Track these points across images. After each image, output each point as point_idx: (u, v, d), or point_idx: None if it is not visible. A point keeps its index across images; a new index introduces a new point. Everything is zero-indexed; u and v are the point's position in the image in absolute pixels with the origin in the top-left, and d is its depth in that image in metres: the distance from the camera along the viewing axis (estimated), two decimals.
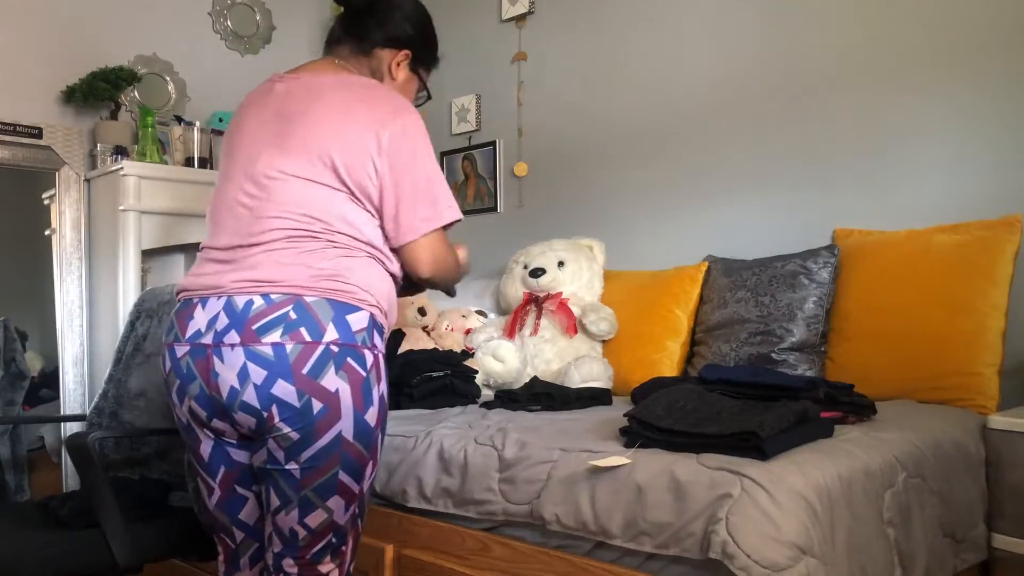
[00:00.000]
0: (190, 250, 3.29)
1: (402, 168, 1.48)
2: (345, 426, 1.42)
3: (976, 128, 2.25)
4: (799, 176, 2.58)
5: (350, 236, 1.48)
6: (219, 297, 1.45)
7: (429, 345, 2.77)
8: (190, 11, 3.54)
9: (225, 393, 1.42)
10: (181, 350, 1.47)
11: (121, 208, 2.92)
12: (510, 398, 2.18)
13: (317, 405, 1.40)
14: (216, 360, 1.42)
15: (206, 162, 3.18)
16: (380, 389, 1.48)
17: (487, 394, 2.46)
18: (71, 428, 2.91)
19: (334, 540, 1.49)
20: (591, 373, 2.41)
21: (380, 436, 1.50)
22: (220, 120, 3.32)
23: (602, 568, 1.49)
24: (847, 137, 2.48)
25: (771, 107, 2.64)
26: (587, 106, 3.13)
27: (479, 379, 2.45)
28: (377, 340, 1.48)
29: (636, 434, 1.56)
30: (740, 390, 1.69)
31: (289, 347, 1.39)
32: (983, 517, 1.79)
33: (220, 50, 3.63)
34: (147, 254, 3.06)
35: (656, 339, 2.53)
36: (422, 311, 2.80)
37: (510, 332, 2.65)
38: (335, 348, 1.41)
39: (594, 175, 3.12)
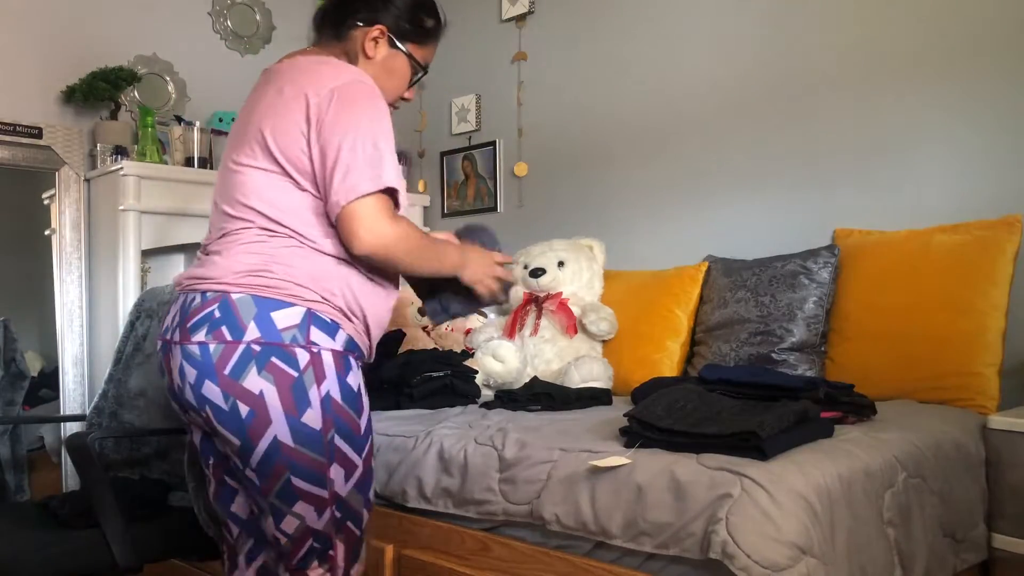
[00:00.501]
0: (190, 250, 3.29)
1: (328, 133, 1.38)
2: (279, 431, 1.37)
3: (976, 128, 2.25)
4: (799, 176, 2.58)
5: (287, 226, 1.41)
6: (181, 293, 1.47)
7: (429, 345, 2.77)
8: (190, 11, 3.53)
9: (176, 389, 1.43)
10: (158, 344, 1.51)
11: (121, 208, 2.91)
12: (510, 398, 2.17)
13: (243, 408, 1.36)
14: (171, 356, 1.43)
15: (206, 162, 3.18)
16: (323, 389, 1.39)
17: (487, 394, 2.46)
18: (71, 428, 2.91)
19: (316, 545, 1.45)
20: (591, 373, 2.41)
21: (344, 439, 1.42)
22: (220, 120, 3.32)
23: (602, 568, 1.49)
24: (847, 137, 2.48)
25: (771, 107, 2.64)
26: (587, 106, 3.13)
27: (479, 379, 2.45)
28: (319, 336, 1.39)
29: (636, 434, 1.55)
30: (740, 390, 1.69)
31: (212, 346, 1.36)
32: (983, 517, 1.79)
33: (220, 50, 3.62)
34: (147, 254, 3.06)
35: (656, 339, 2.52)
36: (422, 311, 2.80)
37: (510, 332, 2.65)
38: (256, 347, 1.36)
39: (594, 175, 3.12)
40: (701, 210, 2.81)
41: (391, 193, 1.42)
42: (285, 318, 1.38)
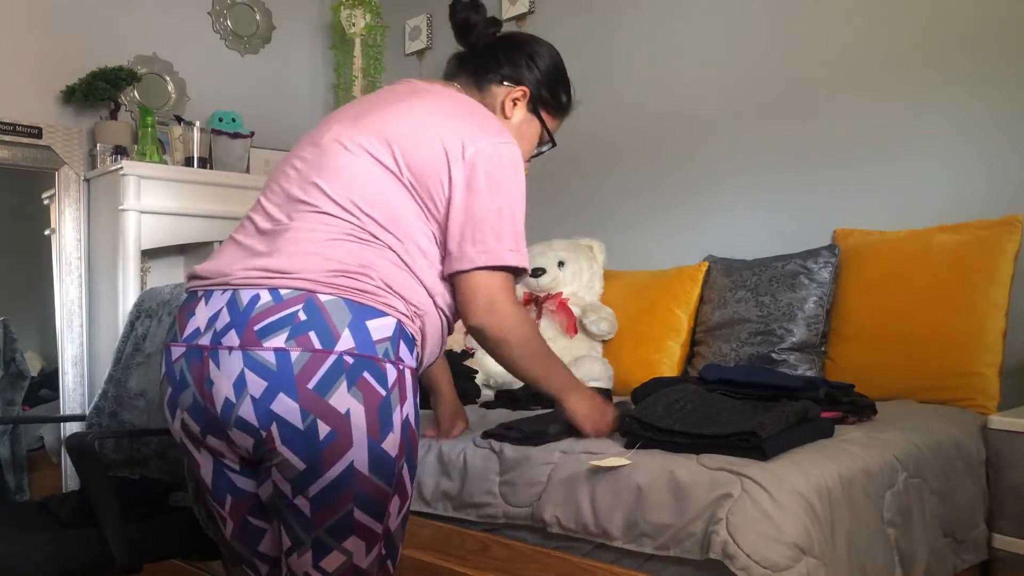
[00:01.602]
0: (190, 250, 3.30)
1: (479, 187, 1.31)
2: (357, 456, 1.20)
3: (976, 128, 2.25)
4: (799, 176, 2.58)
5: (384, 227, 1.28)
6: (224, 291, 1.25)
7: None
8: (190, 11, 3.54)
9: (219, 405, 1.21)
10: (176, 352, 1.27)
11: (121, 208, 2.92)
12: (510, 398, 2.17)
13: (324, 429, 1.18)
14: (212, 365, 1.21)
15: (206, 162, 3.18)
16: (404, 411, 1.25)
17: (487, 394, 2.46)
18: (71, 428, 2.91)
19: None
20: (591, 373, 2.41)
21: (408, 466, 1.29)
22: (220, 120, 3.32)
23: (602, 568, 1.49)
24: (847, 137, 2.48)
25: (771, 107, 2.64)
26: (587, 106, 3.10)
27: (479, 379, 2.45)
28: (405, 353, 1.26)
29: (636, 434, 1.55)
30: (740, 390, 1.69)
31: (295, 355, 1.17)
32: (983, 517, 1.79)
33: (220, 50, 3.63)
34: (147, 254, 3.06)
35: (656, 339, 2.52)
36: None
37: None
38: (349, 359, 1.19)
39: (594, 175, 3.12)
40: (701, 210, 2.81)
41: (516, 277, 1.38)
42: (379, 329, 1.22)
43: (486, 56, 1.53)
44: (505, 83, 1.52)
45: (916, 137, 2.35)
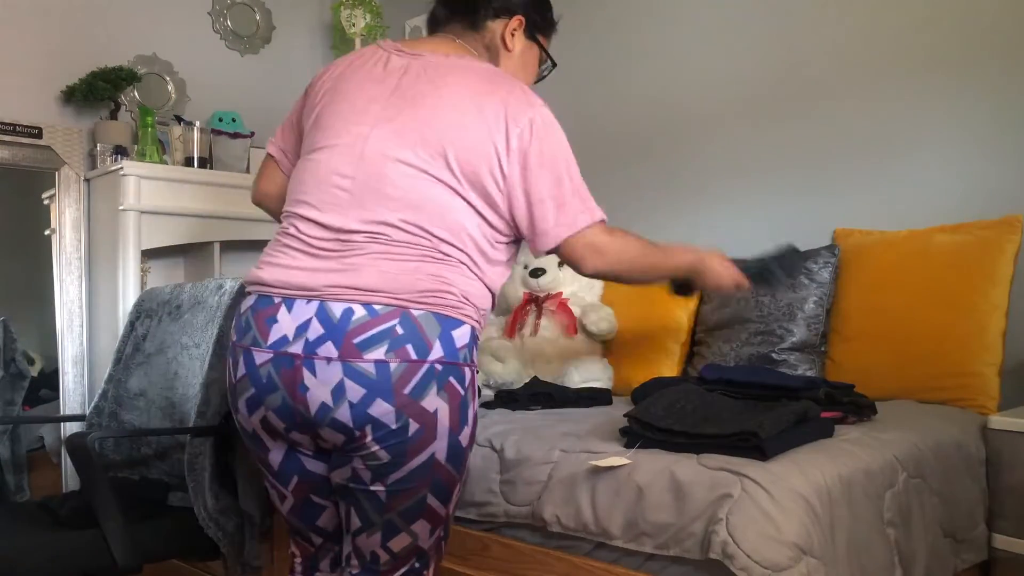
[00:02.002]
0: (190, 250, 3.29)
1: (533, 171, 1.37)
2: (439, 447, 1.32)
3: (976, 128, 2.25)
4: (799, 176, 2.58)
5: (454, 245, 1.35)
6: (309, 301, 1.30)
7: None
8: (190, 11, 3.53)
9: (314, 409, 1.29)
10: (261, 357, 1.32)
11: (121, 208, 2.91)
12: (510, 398, 2.17)
13: (414, 426, 1.29)
14: (307, 373, 1.28)
15: (206, 162, 3.18)
16: (474, 407, 1.39)
17: (487, 394, 2.46)
18: (71, 428, 2.91)
19: (416, 565, 1.40)
20: (591, 373, 2.41)
21: (469, 455, 1.42)
22: (220, 120, 3.32)
23: (602, 568, 1.49)
24: (847, 137, 2.48)
25: (772, 107, 2.64)
26: (587, 106, 3.13)
27: (479, 379, 2.45)
28: (475, 354, 1.39)
29: (636, 434, 1.55)
30: (740, 390, 1.69)
31: (393, 365, 1.27)
32: (983, 517, 1.79)
33: (220, 50, 3.62)
34: (147, 254, 3.06)
35: (656, 339, 2.52)
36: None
37: (510, 332, 2.65)
38: (439, 367, 1.30)
39: (594, 175, 3.08)
40: (701, 210, 2.81)
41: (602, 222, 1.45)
42: (460, 337, 1.34)
43: None
44: (499, 17, 1.54)
45: (916, 137, 2.35)
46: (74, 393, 3.07)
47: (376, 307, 1.28)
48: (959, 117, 2.28)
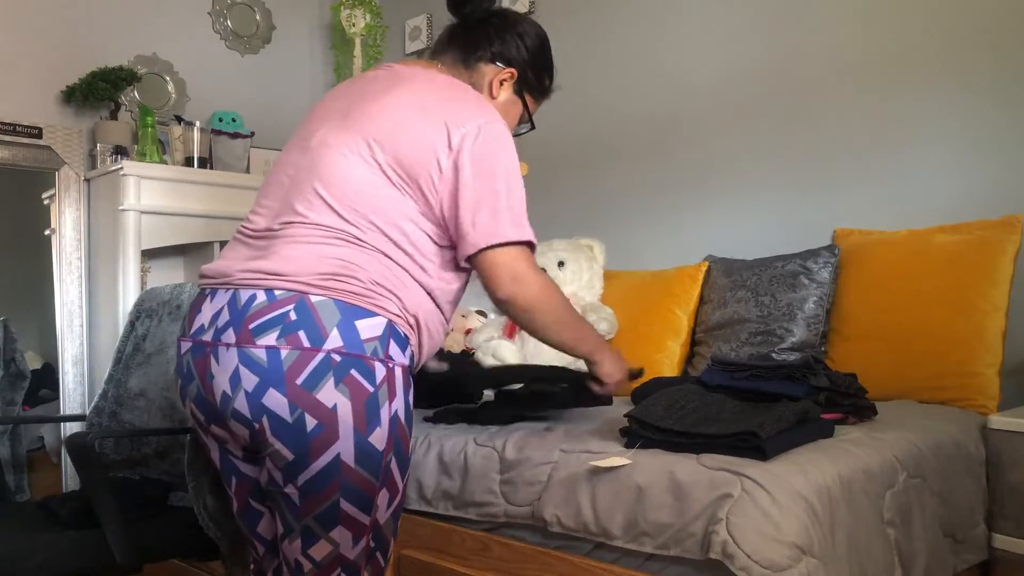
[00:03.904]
0: (190, 250, 3.30)
1: (467, 173, 1.33)
2: (344, 448, 1.26)
3: (976, 128, 2.25)
4: (799, 176, 2.58)
5: (385, 234, 1.32)
6: (227, 289, 1.31)
7: None
8: (190, 11, 3.54)
9: (218, 398, 1.28)
10: (184, 346, 1.35)
11: (121, 208, 2.92)
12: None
13: (311, 422, 1.24)
14: (213, 361, 1.28)
15: (206, 162, 3.18)
16: (392, 407, 1.30)
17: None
18: (71, 428, 2.91)
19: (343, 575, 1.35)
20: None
21: (397, 461, 1.33)
22: (220, 120, 3.32)
23: (602, 568, 1.49)
24: (847, 137, 2.48)
25: (771, 107, 2.64)
26: (587, 106, 3.13)
27: None
28: (395, 351, 1.31)
29: (636, 434, 1.55)
30: (745, 375, 1.68)
31: (284, 352, 1.23)
32: (983, 517, 1.79)
33: (220, 50, 3.63)
34: (147, 254, 3.06)
35: (656, 339, 2.52)
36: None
37: (510, 332, 2.65)
38: (337, 357, 1.24)
39: (594, 175, 3.12)
40: (701, 210, 2.81)
41: (531, 247, 1.41)
42: (369, 328, 1.27)
43: (478, 31, 1.54)
44: (496, 62, 1.54)
45: (916, 137, 2.35)
46: (74, 393, 3.08)
47: (276, 292, 1.26)
48: (959, 117, 2.28)
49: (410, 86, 1.41)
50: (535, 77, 1.60)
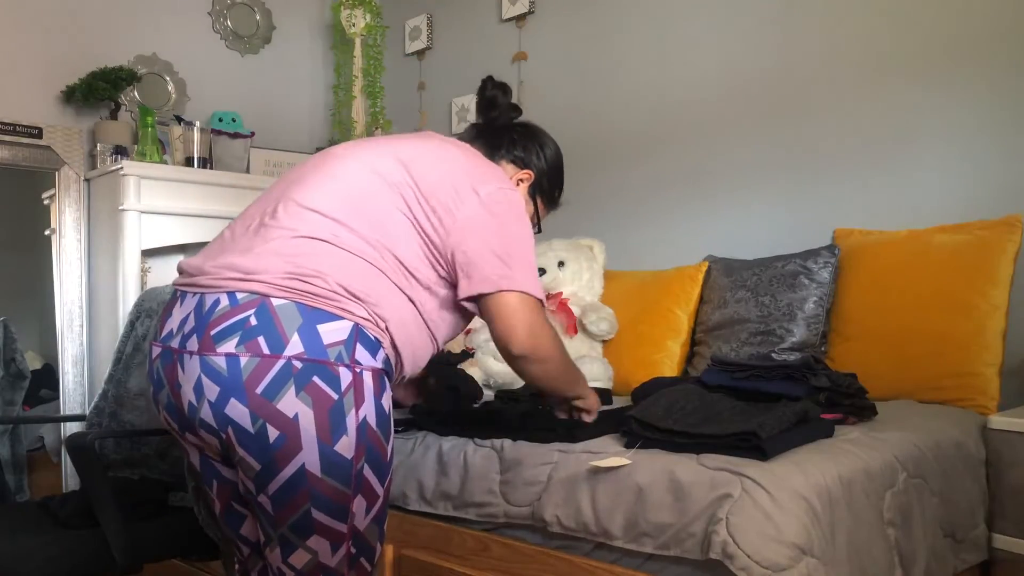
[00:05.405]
0: (190, 250, 3.29)
1: (493, 222, 1.37)
2: (308, 459, 1.21)
3: (976, 128, 2.25)
4: (799, 176, 2.58)
5: (365, 239, 1.29)
6: (195, 293, 1.28)
7: None
8: (190, 11, 3.54)
9: (186, 407, 1.25)
10: (155, 351, 1.31)
11: (121, 208, 2.92)
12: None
13: (273, 432, 1.20)
14: (179, 369, 1.24)
15: (206, 162, 3.18)
16: (360, 414, 1.25)
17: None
18: (71, 428, 2.91)
19: None
20: (591, 373, 2.41)
21: (372, 468, 1.29)
22: (220, 120, 3.32)
23: (602, 568, 1.49)
24: (847, 137, 2.48)
25: (771, 107, 2.64)
26: (587, 106, 3.13)
27: (479, 379, 2.45)
28: (363, 355, 1.26)
29: (636, 434, 1.55)
30: (746, 374, 1.68)
31: (244, 360, 1.19)
32: (983, 517, 1.79)
33: (220, 50, 3.63)
34: (147, 254, 3.06)
35: (656, 339, 2.52)
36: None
37: None
38: (298, 364, 1.19)
39: (594, 175, 3.12)
40: (701, 210, 2.81)
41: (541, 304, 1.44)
42: (332, 332, 1.22)
43: (502, 133, 1.63)
44: (514, 164, 1.62)
45: (916, 137, 2.35)
46: (74, 393, 3.08)
47: (239, 295, 1.22)
48: (959, 117, 2.28)
49: (442, 140, 1.48)
50: (549, 186, 1.67)
